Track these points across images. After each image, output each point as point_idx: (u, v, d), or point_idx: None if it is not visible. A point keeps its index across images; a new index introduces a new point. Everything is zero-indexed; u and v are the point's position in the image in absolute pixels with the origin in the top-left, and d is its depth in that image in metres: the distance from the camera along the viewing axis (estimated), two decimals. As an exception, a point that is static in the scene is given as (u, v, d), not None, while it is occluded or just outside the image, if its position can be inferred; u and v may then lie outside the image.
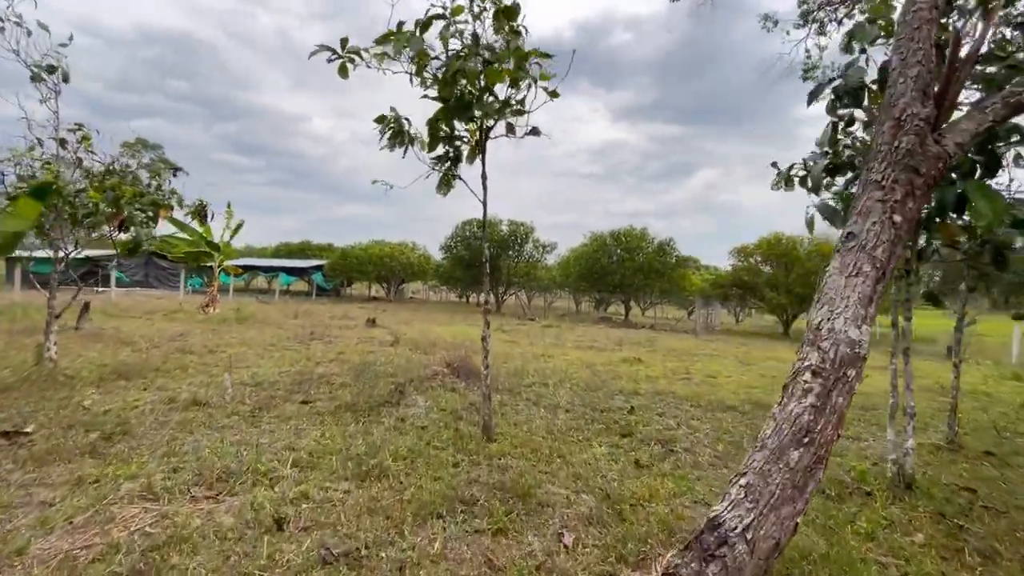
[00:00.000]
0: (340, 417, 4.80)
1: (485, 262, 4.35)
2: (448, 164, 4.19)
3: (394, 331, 13.50)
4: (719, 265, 43.55)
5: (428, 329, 14.64)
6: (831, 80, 3.89)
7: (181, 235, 16.68)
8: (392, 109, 4.12)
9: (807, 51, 8.80)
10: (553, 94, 3.81)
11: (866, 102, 3.78)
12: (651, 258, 22.79)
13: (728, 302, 23.26)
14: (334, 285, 31.72)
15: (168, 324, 12.32)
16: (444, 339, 12.06)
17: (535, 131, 4.04)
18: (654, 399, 6.55)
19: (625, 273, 22.29)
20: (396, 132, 4.05)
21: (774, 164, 4.38)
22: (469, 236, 25.53)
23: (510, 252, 25.33)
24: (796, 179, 4.30)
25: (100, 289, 22.83)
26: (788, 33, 9.04)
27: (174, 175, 7.80)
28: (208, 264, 16.58)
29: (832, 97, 3.88)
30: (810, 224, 4.21)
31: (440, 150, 4.12)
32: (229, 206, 18.36)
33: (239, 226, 17.27)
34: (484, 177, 4.14)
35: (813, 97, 4.07)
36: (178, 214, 8.08)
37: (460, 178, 4.29)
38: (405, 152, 4.14)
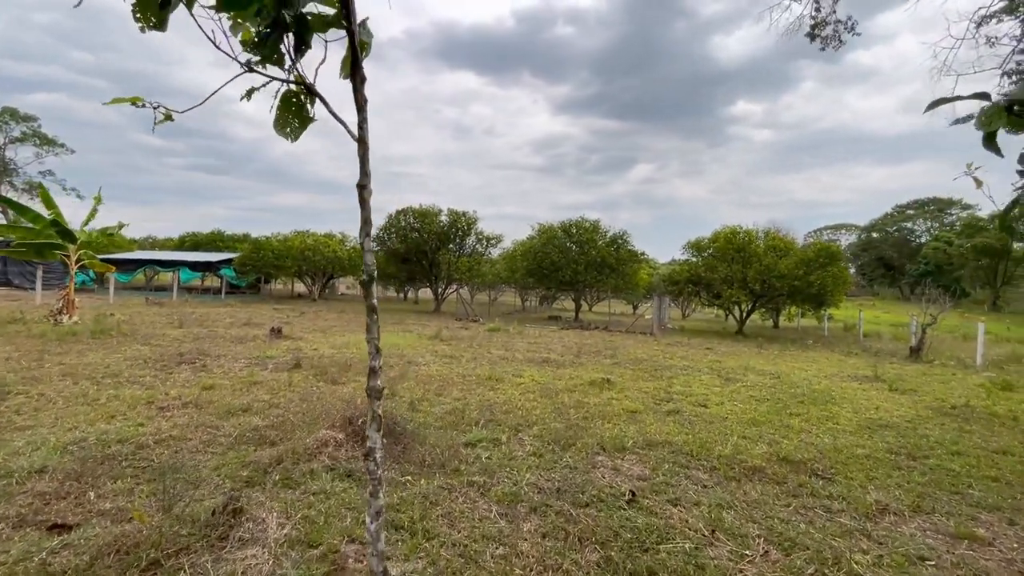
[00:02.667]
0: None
1: (363, 228, 2.09)
2: (288, 63, 1.90)
3: (302, 346, 10.84)
4: (658, 258, 43.39)
5: (349, 341, 12.07)
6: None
7: (26, 222, 12.94)
8: None
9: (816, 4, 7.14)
10: None
11: None
12: (604, 252, 21.21)
13: (680, 298, 22.17)
14: (249, 282, 27.85)
15: (-23, 344, 8.98)
16: (366, 357, 9.61)
17: None
18: (651, 461, 4.60)
19: (577, 268, 20.55)
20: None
21: (933, 103, 2.42)
22: (405, 227, 22.72)
23: (451, 245, 22.87)
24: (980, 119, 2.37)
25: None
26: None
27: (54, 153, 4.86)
28: (59, 258, 12.97)
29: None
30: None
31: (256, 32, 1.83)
32: (100, 190, 14.71)
33: (94, 211, 13.68)
34: (356, 74, 1.90)
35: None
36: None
37: (319, 96, 2.00)
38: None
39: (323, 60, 1.95)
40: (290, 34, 1.81)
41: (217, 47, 1.79)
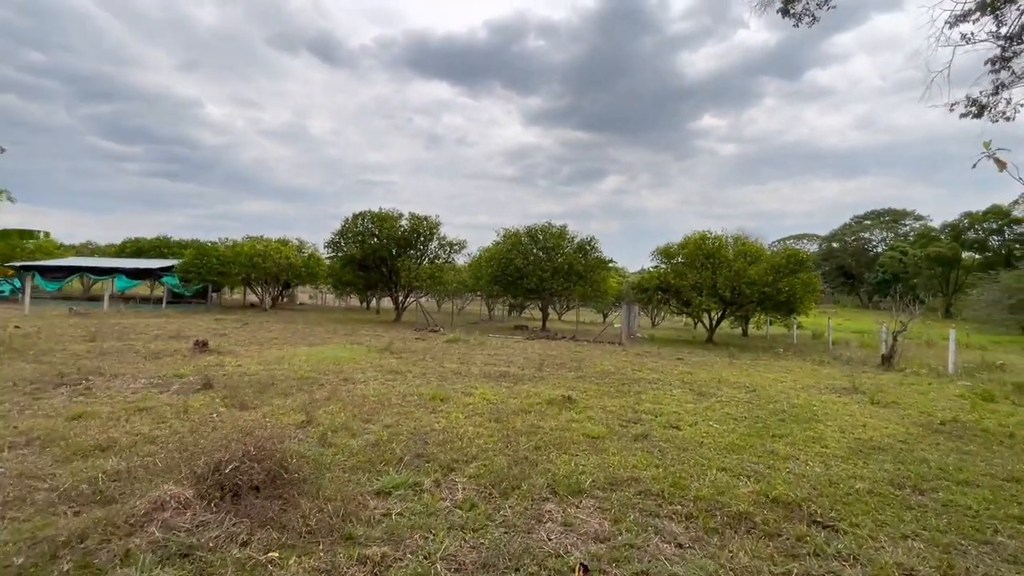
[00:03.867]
0: None
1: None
2: None
3: (227, 362, 9.52)
4: (628, 267, 43.21)
5: (286, 354, 10.79)
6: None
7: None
8: None
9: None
10: None
11: None
12: (571, 259, 20.41)
13: (648, 306, 21.54)
14: (196, 290, 25.86)
15: None
16: (296, 374, 8.41)
17: None
18: (613, 508, 3.64)
19: (543, 275, 19.65)
20: None
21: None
22: (363, 231, 21.35)
23: (412, 251, 21.61)
24: None
25: None
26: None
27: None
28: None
29: None
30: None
31: None
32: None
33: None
34: None
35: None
36: None
37: None
38: None
39: None
40: None
41: None
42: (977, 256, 56.30)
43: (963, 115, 6.49)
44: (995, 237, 55.16)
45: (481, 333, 18.64)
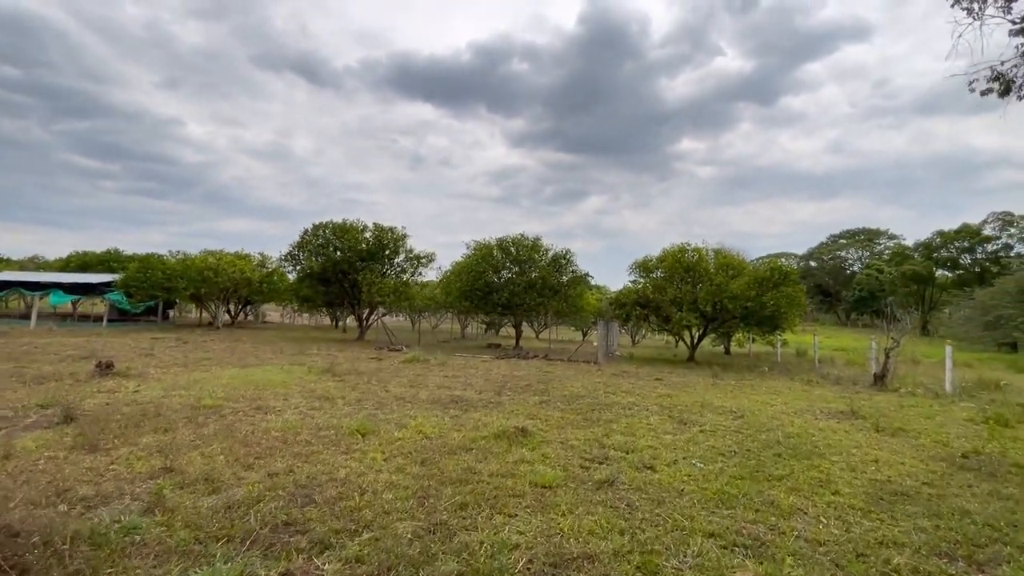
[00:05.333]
0: None
1: None
2: None
3: (124, 387, 8.02)
4: (609, 285, 42.37)
5: (206, 377, 9.31)
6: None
7: None
8: None
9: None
10: None
11: None
12: (545, 272, 19.24)
13: (627, 323, 20.41)
14: (148, 307, 23.93)
15: None
16: (200, 401, 6.97)
17: None
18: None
19: (514, 290, 18.40)
20: None
21: None
22: (322, 243, 19.87)
23: (377, 265, 20.14)
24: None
25: None
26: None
27: None
28: None
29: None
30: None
31: None
32: None
33: None
34: None
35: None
36: None
37: None
38: None
39: None
40: None
41: None
42: (949, 274, 57.14)
43: (984, 92, 5.57)
44: (966, 255, 56.06)
45: (447, 352, 17.26)
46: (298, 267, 20.75)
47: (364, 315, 21.31)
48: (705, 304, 16.70)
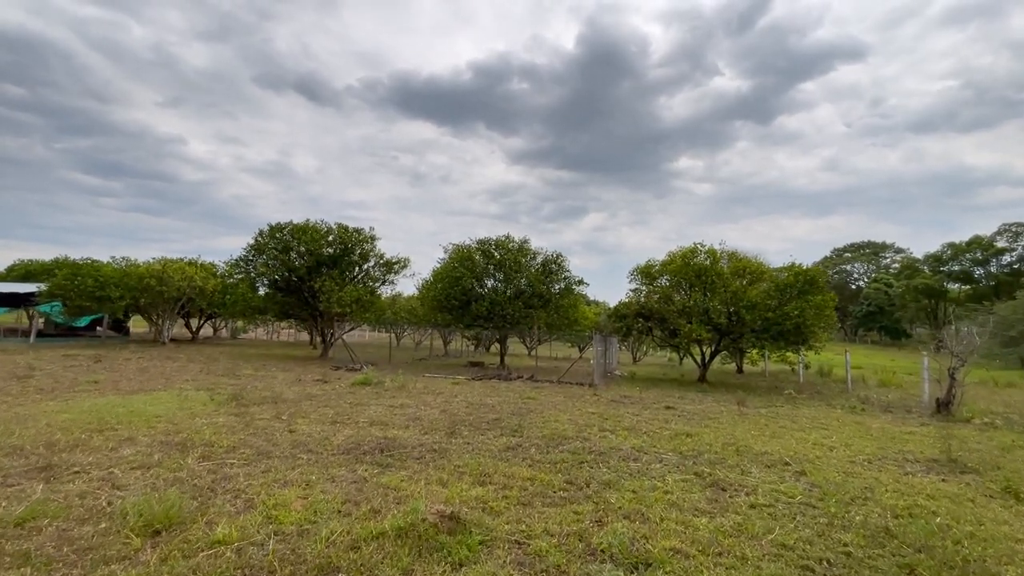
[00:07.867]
0: None
1: None
2: None
3: None
4: (608, 300, 39.81)
5: (55, 409, 6.79)
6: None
7: None
8: None
9: None
10: None
11: None
12: (534, 279, 16.77)
13: (628, 338, 17.84)
14: (93, 320, 21.37)
15: None
16: (55, 436, 4.44)
17: None
18: None
19: (496, 299, 15.89)
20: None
21: None
22: (281, 246, 17.34)
23: (344, 272, 17.63)
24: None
25: None
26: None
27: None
28: None
29: None
30: None
31: None
32: None
33: None
34: None
35: None
36: None
37: None
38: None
39: None
40: None
41: None
42: (962, 288, 54.84)
43: None
44: (979, 268, 53.84)
45: (417, 372, 14.67)
46: (250, 274, 18.19)
47: (324, 329, 18.63)
48: (719, 315, 14.21)
